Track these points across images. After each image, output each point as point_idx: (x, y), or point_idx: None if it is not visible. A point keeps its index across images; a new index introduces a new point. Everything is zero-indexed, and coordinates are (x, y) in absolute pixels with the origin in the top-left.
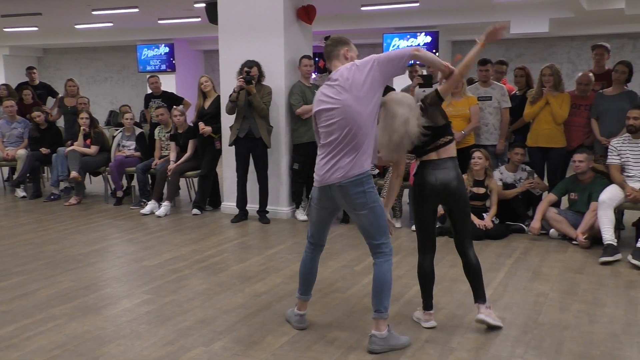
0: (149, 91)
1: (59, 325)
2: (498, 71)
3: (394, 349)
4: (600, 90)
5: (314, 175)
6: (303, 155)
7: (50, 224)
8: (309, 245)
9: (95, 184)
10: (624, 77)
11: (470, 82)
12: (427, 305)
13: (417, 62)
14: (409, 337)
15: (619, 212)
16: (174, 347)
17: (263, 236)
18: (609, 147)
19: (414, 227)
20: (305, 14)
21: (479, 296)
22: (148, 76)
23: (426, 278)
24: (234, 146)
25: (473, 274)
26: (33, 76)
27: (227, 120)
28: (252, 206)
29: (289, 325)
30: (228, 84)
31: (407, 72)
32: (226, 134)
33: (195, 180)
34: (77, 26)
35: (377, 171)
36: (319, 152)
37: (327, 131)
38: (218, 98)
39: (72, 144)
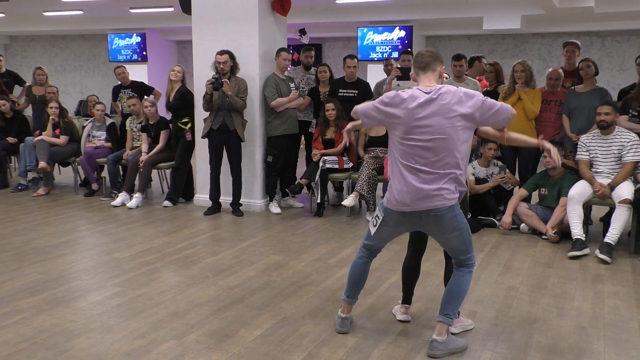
0: (117, 82)
1: (26, 318)
2: (483, 62)
3: (454, 353)
4: (572, 87)
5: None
6: (277, 148)
7: (18, 215)
8: (367, 252)
9: (64, 175)
10: (591, 71)
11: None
12: (406, 299)
13: (391, 56)
14: (466, 339)
15: (587, 207)
16: (145, 340)
17: (236, 229)
18: (578, 143)
19: None
20: (280, 6)
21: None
22: (115, 67)
23: (410, 273)
24: (207, 138)
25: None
26: None
27: (201, 112)
28: (226, 199)
29: (262, 318)
30: (202, 75)
31: (382, 66)
32: (199, 126)
33: (168, 172)
34: (45, 13)
35: (351, 164)
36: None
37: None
38: (182, 89)
39: (40, 134)
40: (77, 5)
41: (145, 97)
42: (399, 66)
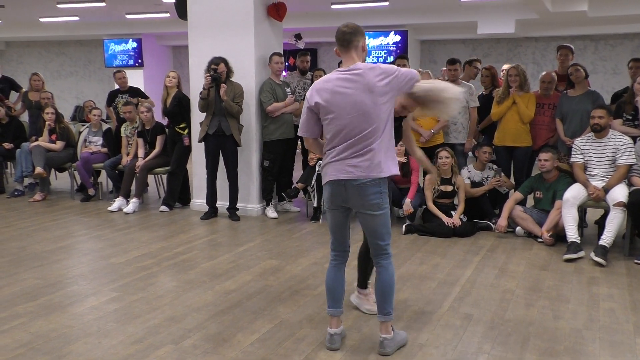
0: (115, 87)
1: (23, 324)
2: (476, 67)
3: (400, 346)
4: (565, 91)
5: (324, 174)
6: (273, 153)
7: (14, 220)
8: (332, 254)
9: (60, 180)
10: (581, 75)
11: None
12: (362, 283)
13: (386, 61)
14: (405, 331)
15: (582, 210)
16: (142, 345)
17: (233, 234)
18: (573, 146)
19: None
20: (276, 11)
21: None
22: (114, 71)
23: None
24: (203, 143)
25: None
26: None
27: (198, 117)
28: (222, 203)
29: (259, 323)
30: (197, 80)
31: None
32: (196, 130)
33: (164, 177)
34: (41, 19)
35: None
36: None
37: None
38: (178, 94)
39: (36, 139)
40: (73, 11)
41: (140, 100)
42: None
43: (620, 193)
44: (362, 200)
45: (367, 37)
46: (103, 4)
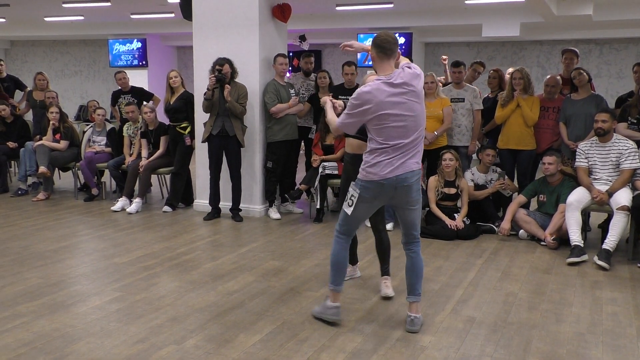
0: (117, 87)
1: (25, 323)
2: (476, 71)
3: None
4: (568, 95)
5: (374, 173)
6: (277, 154)
7: (17, 219)
8: (345, 237)
9: (64, 180)
10: (584, 79)
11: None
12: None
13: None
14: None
15: (585, 214)
16: (144, 345)
17: (236, 234)
18: (577, 150)
19: (386, 227)
20: (281, 13)
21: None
22: (115, 72)
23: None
24: (206, 143)
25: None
26: (0, 68)
27: (201, 117)
28: (225, 204)
29: (261, 324)
30: (202, 81)
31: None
32: (200, 131)
33: (167, 177)
34: (46, 19)
35: (337, 172)
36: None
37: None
38: (184, 93)
39: (40, 139)
40: (78, 10)
41: (145, 102)
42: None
43: (624, 197)
44: (408, 197)
45: (371, 39)
46: (108, 4)
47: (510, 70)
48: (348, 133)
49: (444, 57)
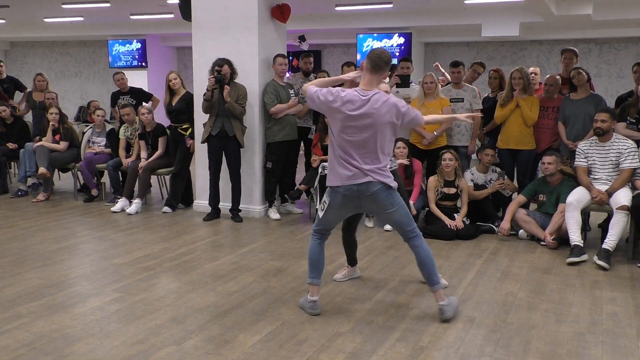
0: (116, 88)
1: (25, 324)
2: (476, 71)
3: (456, 308)
4: (567, 95)
5: (336, 179)
6: (276, 154)
7: (17, 220)
8: (319, 236)
9: (64, 181)
10: (583, 78)
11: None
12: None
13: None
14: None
15: (585, 213)
16: (144, 345)
17: (235, 235)
18: (576, 150)
19: (386, 227)
20: (280, 13)
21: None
22: (113, 73)
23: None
24: (206, 144)
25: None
26: (0, 69)
27: (201, 118)
28: (225, 204)
29: (261, 324)
30: (201, 81)
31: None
32: (199, 132)
33: (167, 177)
34: (46, 20)
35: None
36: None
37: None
38: (186, 94)
39: (40, 140)
40: (78, 11)
41: (142, 105)
42: (398, 74)
43: (623, 197)
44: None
45: (370, 39)
46: (107, 5)
47: (531, 69)
48: (309, 104)
49: (436, 64)
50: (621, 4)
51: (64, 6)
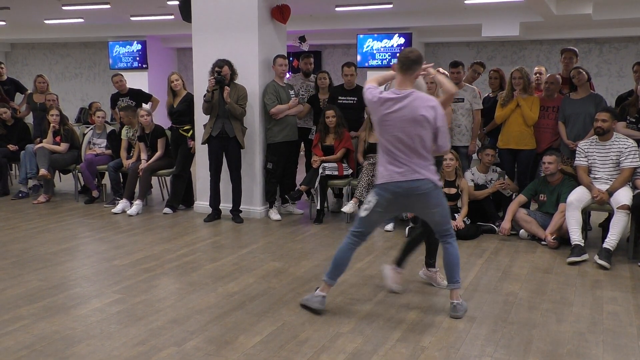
0: (115, 90)
1: (26, 326)
2: (476, 71)
3: (465, 311)
4: (567, 94)
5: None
6: (277, 155)
7: (18, 222)
8: (356, 239)
9: (65, 182)
10: (583, 78)
11: None
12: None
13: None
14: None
15: (586, 213)
16: (145, 347)
17: (236, 236)
18: (577, 149)
19: (386, 227)
20: (280, 14)
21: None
22: (112, 75)
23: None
24: (206, 145)
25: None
26: (1, 71)
27: (201, 119)
28: (225, 205)
29: (261, 325)
30: (201, 82)
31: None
32: (200, 133)
33: (168, 179)
34: (46, 21)
35: (351, 171)
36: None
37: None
38: (188, 96)
39: (41, 141)
40: (78, 13)
41: (141, 107)
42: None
43: (624, 196)
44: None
45: (370, 40)
46: (108, 6)
47: (536, 69)
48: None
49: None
50: (621, 4)
51: (64, 7)
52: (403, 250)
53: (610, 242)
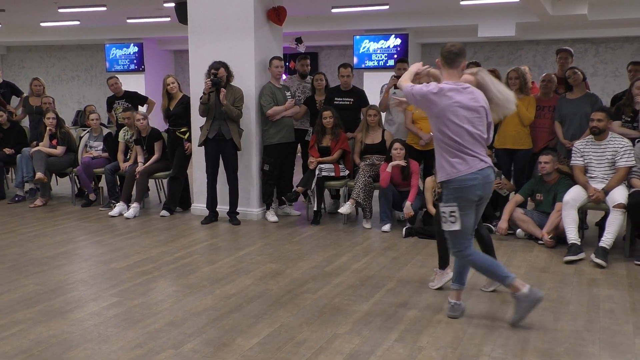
0: (111, 93)
1: (22, 330)
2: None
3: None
4: (563, 94)
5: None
6: (273, 157)
7: (15, 226)
8: (469, 248)
9: (61, 185)
10: (579, 78)
11: None
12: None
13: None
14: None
15: (582, 212)
16: (142, 350)
17: (233, 238)
18: (573, 148)
19: (383, 228)
20: (276, 15)
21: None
22: (107, 78)
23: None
24: (203, 147)
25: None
26: None
27: (198, 121)
28: (223, 207)
29: (259, 327)
30: (198, 84)
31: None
32: (196, 135)
33: (165, 181)
34: (42, 24)
35: (347, 172)
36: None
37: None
38: (184, 98)
39: (37, 145)
40: (74, 15)
41: (139, 108)
42: (395, 75)
43: (619, 195)
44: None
45: (367, 41)
46: (104, 8)
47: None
48: (409, 99)
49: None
50: (616, 4)
51: (60, 10)
52: (488, 254)
53: (607, 240)
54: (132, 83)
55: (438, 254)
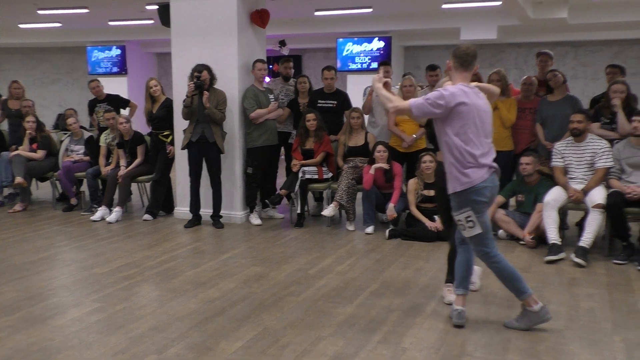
0: (92, 96)
1: (1, 339)
2: None
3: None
4: (544, 96)
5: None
6: (257, 160)
7: None
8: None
9: (42, 190)
10: (559, 80)
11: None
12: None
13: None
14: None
15: (562, 212)
16: (125, 355)
17: (217, 241)
18: (553, 150)
19: (367, 230)
20: (259, 18)
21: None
22: (89, 81)
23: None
24: (186, 150)
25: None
26: None
27: (181, 124)
28: (206, 211)
29: (242, 330)
30: (181, 87)
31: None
32: (179, 138)
33: (148, 185)
34: (20, 26)
35: (330, 174)
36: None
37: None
38: (167, 101)
39: (16, 149)
40: (55, 17)
41: (122, 111)
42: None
43: (598, 195)
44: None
45: (350, 43)
46: (86, 11)
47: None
48: (418, 116)
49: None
50: (596, 8)
51: (39, 12)
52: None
53: (586, 240)
54: (114, 86)
55: (447, 269)
